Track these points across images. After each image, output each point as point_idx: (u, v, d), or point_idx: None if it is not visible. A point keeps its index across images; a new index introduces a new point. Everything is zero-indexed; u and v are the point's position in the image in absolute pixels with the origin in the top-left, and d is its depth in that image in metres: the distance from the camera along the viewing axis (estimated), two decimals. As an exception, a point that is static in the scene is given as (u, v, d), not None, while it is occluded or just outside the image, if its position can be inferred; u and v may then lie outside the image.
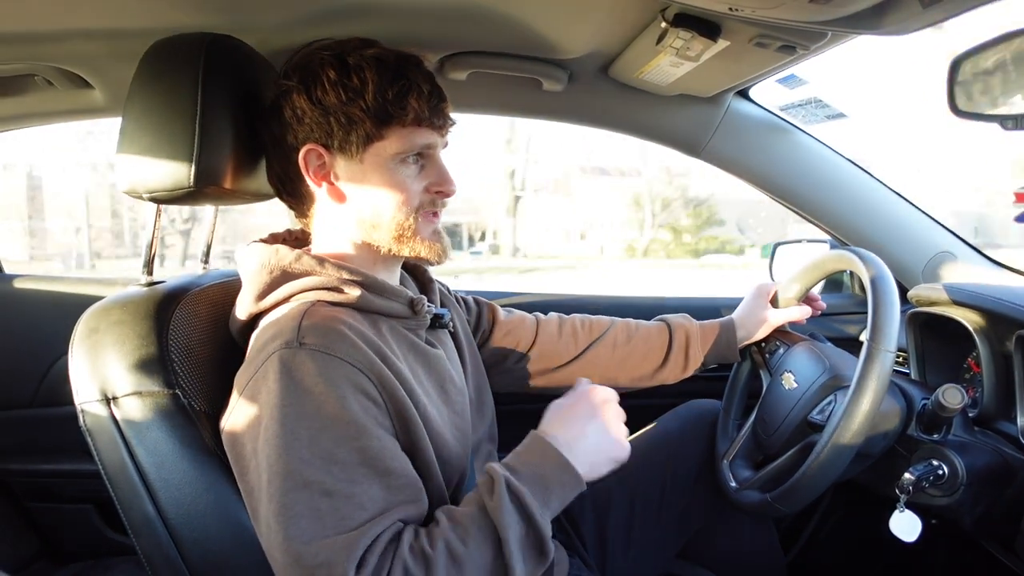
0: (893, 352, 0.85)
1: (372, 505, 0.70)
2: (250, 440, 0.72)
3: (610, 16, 1.01)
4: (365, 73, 0.79)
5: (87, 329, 0.81)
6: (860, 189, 1.43)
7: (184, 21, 0.97)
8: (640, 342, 1.19)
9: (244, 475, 0.74)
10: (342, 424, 0.71)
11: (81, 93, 1.25)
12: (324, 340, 0.73)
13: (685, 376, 1.20)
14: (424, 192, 0.85)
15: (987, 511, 0.94)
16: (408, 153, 0.83)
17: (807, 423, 1.01)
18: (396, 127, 0.81)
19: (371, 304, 0.82)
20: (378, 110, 0.80)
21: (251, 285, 0.83)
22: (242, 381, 0.76)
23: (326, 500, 0.68)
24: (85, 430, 0.80)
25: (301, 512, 0.67)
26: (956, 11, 0.74)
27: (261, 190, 0.95)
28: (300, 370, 0.71)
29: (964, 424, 0.97)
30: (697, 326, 1.19)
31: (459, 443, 0.87)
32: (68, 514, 1.58)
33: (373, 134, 0.81)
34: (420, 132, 0.83)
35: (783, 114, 1.40)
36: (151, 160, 0.83)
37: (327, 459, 0.69)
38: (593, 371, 1.18)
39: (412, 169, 0.84)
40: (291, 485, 0.68)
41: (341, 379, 0.72)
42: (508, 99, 1.38)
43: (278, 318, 0.78)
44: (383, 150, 0.82)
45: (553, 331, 1.18)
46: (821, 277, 1.17)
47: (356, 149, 0.81)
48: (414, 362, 0.85)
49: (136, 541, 0.80)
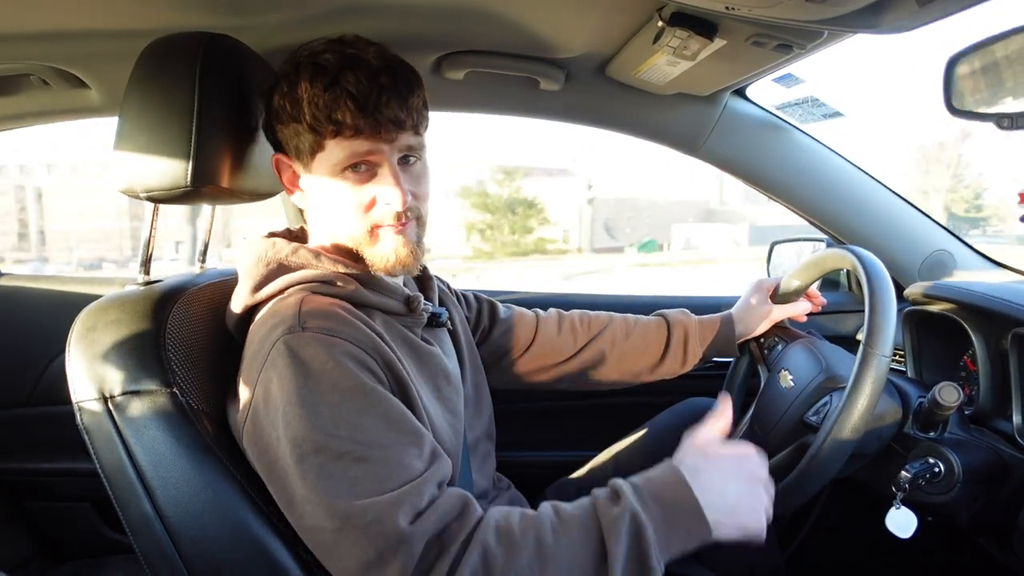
0: (889, 357, 0.85)
1: (410, 463, 0.70)
2: (273, 428, 0.72)
3: (607, 15, 1.01)
4: (303, 83, 0.77)
5: (84, 328, 0.81)
6: (857, 188, 1.43)
7: (181, 21, 0.96)
8: (638, 338, 1.19)
9: (274, 464, 0.72)
10: (359, 394, 0.72)
11: (77, 93, 1.25)
12: (326, 323, 0.74)
13: (684, 371, 1.20)
14: (372, 203, 0.81)
15: (983, 508, 0.94)
16: (347, 164, 0.79)
17: (803, 423, 1.01)
18: (333, 139, 0.78)
19: (366, 299, 0.83)
20: (312, 121, 0.78)
21: (247, 278, 0.83)
22: (252, 376, 0.76)
23: (362, 466, 0.68)
24: (82, 429, 0.79)
25: (340, 481, 0.68)
26: (952, 10, 0.74)
27: (259, 189, 0.95)
28: (307, 351, 0.72)
29: (960, 422, 0.98)
30: (696, 321, 1.19)
31: (451, 442, 0.87)
32: (66, 513, 1.58)
33: (315, 144, 0.79)
34: (358, 142, 0.78)
35: (780, 113, 1.40)
36: (148, 159, 0.83)
37: (353, 428, 0.70)
38: (592, 367, 1.18)
39: (358, 179, 0.80)
40: (324, 459, 0.68)
41: (350, 356, 0.73)
42: (505, 98, 1.38)
43: (276, 309, 0.79)
44: (325, 160, 0.80)
45: (552, 328, 1.19)
46: (821, 275, 1.18)
47: (306, 159, 0.81)
48: (407, 356, 0.85)
49: (134, 540, 0.80)
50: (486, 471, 1.02)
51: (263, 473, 0.75)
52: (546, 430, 1.63)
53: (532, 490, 1.23)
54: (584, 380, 1.20)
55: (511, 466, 1.19)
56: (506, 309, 1.20)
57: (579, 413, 1.65)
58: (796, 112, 1.39)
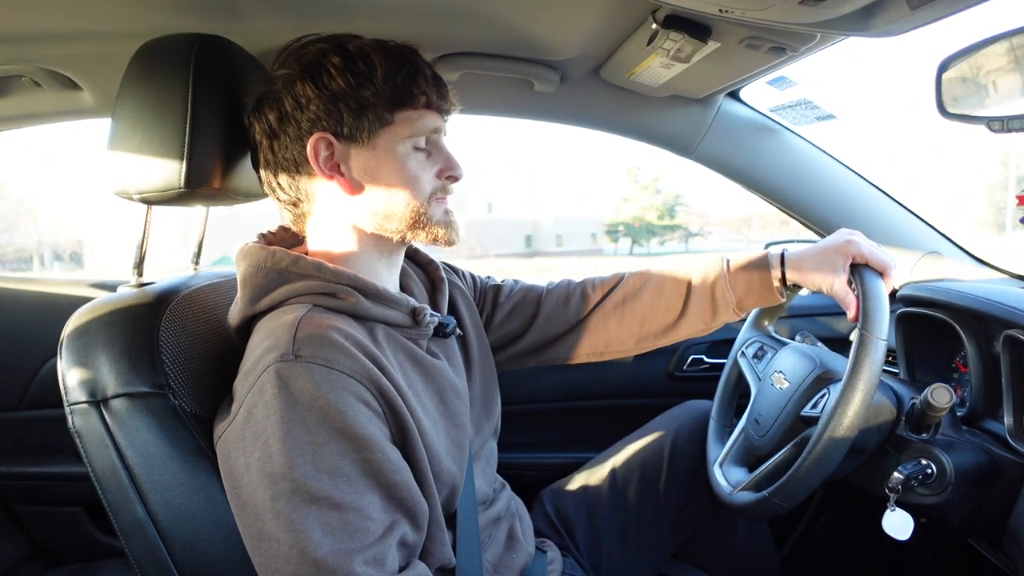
0: (885, 340, 0.85)
1: (377, 517, 0.70)
2: (244, 454, 0.71)
3: (601, 17, 1.01)
4: (372, 58, 0.79)
5: (76, 330, 0.80)
6: (849, 190, 1.44)
7: (174, 23, 0.96)
8: (652, 290, 1.05)
9: (236, 489, 0.72)
10: (345, 437, 0.70)
11: (69, 94, 1.24)
12: (320, 352, 0.72)
13: (718, 324, 1.02)
14: (435, 178, 0.85)
15: (975, 510, 0.94)
16: (418, 137, 0.82)
17: (800, 419, 1.01)
18: (406, 111, 0.80)
19: (368, 312, 0.81)
20: (389, 93, 0.79)
21: (246, 288, 0.81)
22: (240, 393, 0.74)
23: (335, 514, 0.68)
24: (74, 432, 0.79)
25: (312, 527, 0.67)
26: (944, 13, 0.74)
27: (253, 190, 0.94)
28: (297, 383, 0.70)
29: (952, 423, 0.98)
30: (724, 262, 1.01)
31: (454, 459, 0.85)
32: (57, 517, 1.57)
33: (384, 118, 0.80)
34: (429, 116, 0.82)
35: (774, 115, 1.41)
36: (141, 161, 0.82)
37: (333, 473, 0.69)
38: (603, 333, 1.08)
39: (422, 155, 0.83)
40: (299, 501, 0.67)
41: (340, 391, 0.71)
42: (500, 100, 1.38)
43: (272, 327, 0.76)
44: (394, 135, 0.81)
45: (559, 298, 1.10)
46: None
47: (367, 136, 0.80)
48: (411, 372, 0.83)
49: (126, 544, 0.79)
50: (488, 475, 1.01)
51: (227, 488, 0.73)
52: (541, 432, 1.63)
53: (527, 492, 1.23)
54: (597, 348, 1.09)
55: (506, 468, 1.19)
56: (510, 288, 1.13)
57: (575, 415, 1.65)
58: (790, 115, 1.39)
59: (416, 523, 0.75)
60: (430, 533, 0.79)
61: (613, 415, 1.64)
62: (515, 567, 0.98)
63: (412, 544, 0.75)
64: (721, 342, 1.60)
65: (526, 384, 1.60)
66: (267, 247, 0.82)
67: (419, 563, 0.75)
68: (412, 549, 0.75)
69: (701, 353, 1.62)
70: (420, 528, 0.76)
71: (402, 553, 0.73)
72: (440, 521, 0.81)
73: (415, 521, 0.75)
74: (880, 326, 0.85)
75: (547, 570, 1.03)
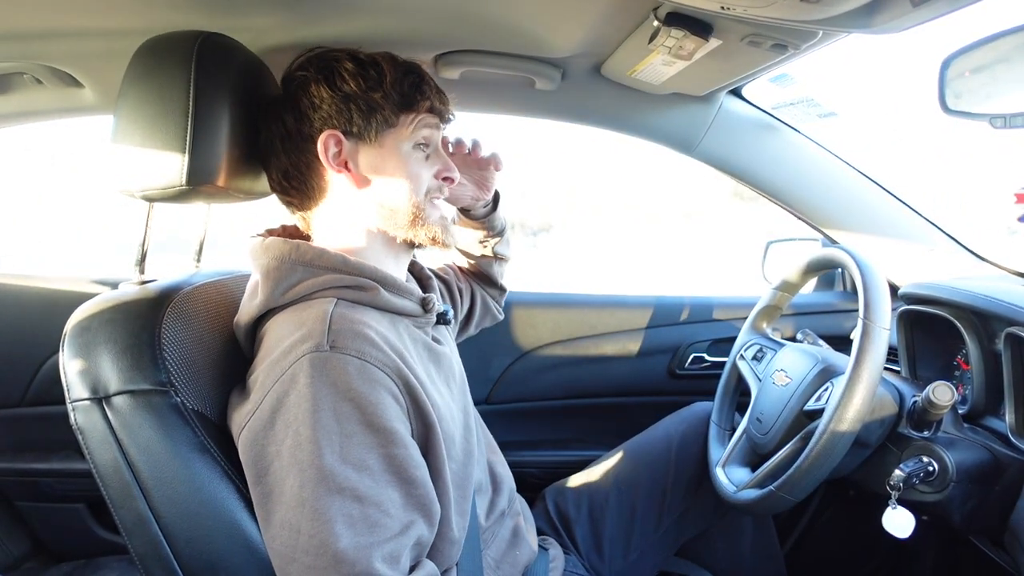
0: (888, 329, 0.86)
1: (396, 514, 0.71)
2: (275, 442, 0.72)
3: (603, 15, 1.01)
4: (382, 66, 0.85)
5: (78, 327, 0.80)
6: (852, 187, 1.43)
7: (176, 21, 0.96)
8: None
9: (263, 476, 0.72)
10: (373, 430, 0.72)
11: (71, 91, 1.24)
12: (355, 344, 0.74)
13: None
14: (433, 177, 0.90)
15: (976, 507, 0.95)
16: (420, 140, 0.88)
17: (804, 413, 1.01)
18: (411, 114, 0.87)
19: (390, 303, 0.84)
20: (396, 97, 0.85)
21: (269, 280, 0.82)
22: (266, 383, 0.74)
23: (357, 506, 0.69)
24: (76, 429, 0.79)
25: (335, 517, 0.68)
26: (946, 10, 0.74)
27: (254, 188, 0.94)
28: (333, 374, 0.71)
29: (954, 421, 0.98)
30: None
31: (466, 441, 0.89)
32: (59, 513, 1.57)
33: (391, 120, 0.86)
34: (431, 120, 0.89)
35: (775, 113, 1.41)
36: (143, 159, 0.82)
37: (358, 466, 0.70)
38: None
39: (422, 155, 0.89)
40: (324, 490, 0.68)
41: (373, 383, 0.73)
42: (501, 98, 1.38)
43: (302, 318, 0.77)
44: (399, 135, 0.87)
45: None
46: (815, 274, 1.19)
47: (375, 135, 0.85)
48: (428, 362, 0.87)
49: (128, 540, 0.79)
50: (481, 463, 1.01)
51: (251, 478, 0.74)
52: (543, 431, 1.63)
53: (529, 490, 1.23)
54: None
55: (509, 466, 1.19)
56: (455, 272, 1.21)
57: (576, 414, 1.65)
58: (792, 112, 1.39)
59: (431, 522, 0.76)
60: (441, 532, 0.80)
61: (614, 413, 1.64)
62: (519, 564, 0.98)
63: (424, 543, 0.76)
64: (722, 340, 1.60)
65: (527, 383, 1.60)
66: (290, 240, 0.84)
67: (428, 562, 0.76)
68: (423, 548, 0.76)
69: (702, 351, 1.62)
70: (433, 527, 0.77)
71: (414, 552, 0.74)
72: (451, 520, 0.82)
73: (430, 519, 0.76)
74: (882, 315, 0.86)
75: (549, 568, 1.03)
